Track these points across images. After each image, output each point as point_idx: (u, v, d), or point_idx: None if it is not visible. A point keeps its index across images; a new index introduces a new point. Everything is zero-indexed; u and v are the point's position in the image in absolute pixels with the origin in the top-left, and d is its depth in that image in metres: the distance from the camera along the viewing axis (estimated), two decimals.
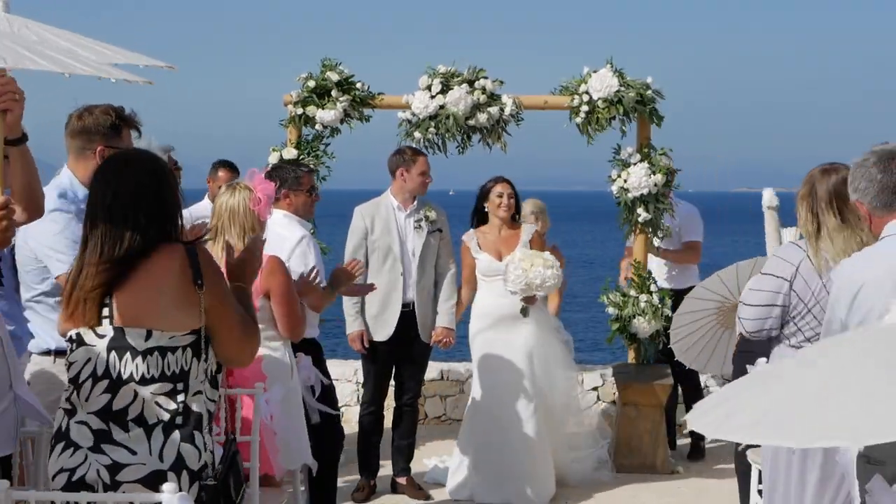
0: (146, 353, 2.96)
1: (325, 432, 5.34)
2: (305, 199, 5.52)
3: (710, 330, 5.78)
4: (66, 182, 4.09)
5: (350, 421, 8.14)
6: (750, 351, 5.34)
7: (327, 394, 5.56)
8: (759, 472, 5.20)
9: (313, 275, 5.02)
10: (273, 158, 7.14)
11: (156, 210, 3.03)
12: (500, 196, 6.53)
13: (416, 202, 6.40)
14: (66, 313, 3.06)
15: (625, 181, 7.07)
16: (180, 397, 2.98)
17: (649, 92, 7.02)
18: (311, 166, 7.00)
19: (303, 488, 5.38)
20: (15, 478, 3.75)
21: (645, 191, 7.02)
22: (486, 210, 6.59)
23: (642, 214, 7.06)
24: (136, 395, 2.96)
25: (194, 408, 3.00)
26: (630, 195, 7.07)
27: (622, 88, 6.97)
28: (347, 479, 6.67)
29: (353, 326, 6.40)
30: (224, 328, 3.07)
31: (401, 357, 6.46)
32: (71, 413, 3.02)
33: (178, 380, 2.98)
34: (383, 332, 6.36)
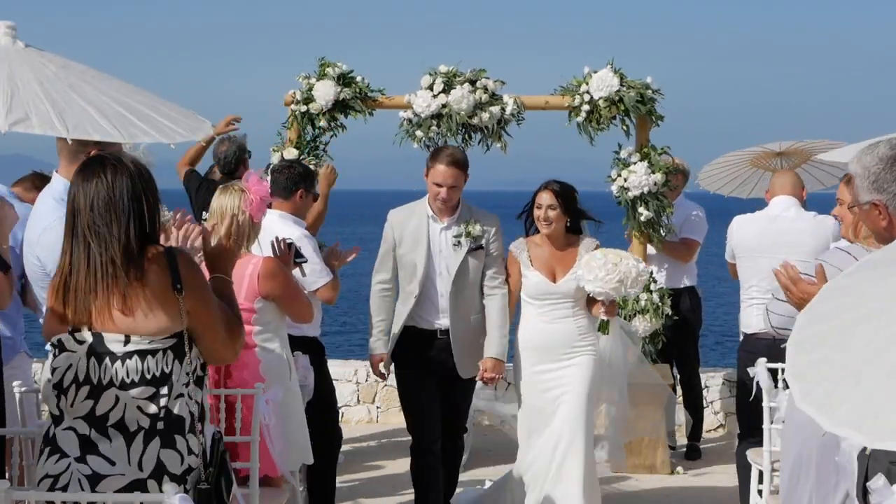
0: (125, 358, 2.95)
1: (324, 432, 5.34)
2: (313, 198, 5.58)
3: (740, 164, 7.15)
4: (59, 188, 3.96)
5: (349, 421, 8.16)
6: (753, 352, 5.36)
7: (327, 396, 5.57)
8: (760, 472, 5.21)
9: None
10: (274, 159, 7.13)
11: (139, 212, 3.00)
12: (539, 207, 5.44)
13: (456, 213, 5.38)
14: (57, 315, 3.02)
15: (625, 180, 7.08)
16: (163, 401, 2.96)
17: (649, 92, 7.03)
18: (313, 166, 7.02)
19: (302, 488, 5.39)
20: (14, 478, 3.76)
21: (645, 189, 7.03)
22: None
23: (644, 213, 7.06)
24: (117, 399, 2.95)
25: (176, 411, 2.98)
26: (630, 194, 7.07)
27: (623, 88, 6.99)
28: (347, 478, 6.67)
29: (375, 348, 5.49)
30: (207, 330, 3.05)
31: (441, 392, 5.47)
32: (58, 419, 3.02)
33: (159, 383, 2.96)
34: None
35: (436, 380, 5.37)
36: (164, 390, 2.97)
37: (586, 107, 7.03)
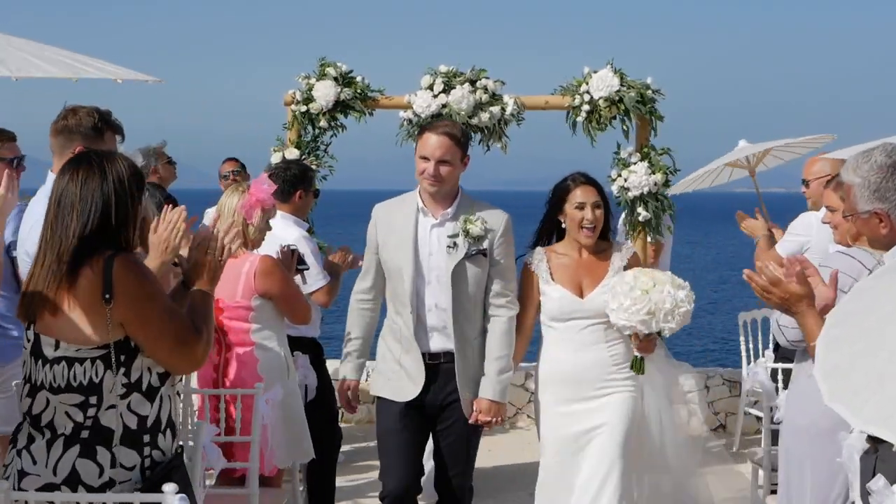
0: (54, 363, 2.92)
1: (324, 432, 5.34)
2: (312, 198, 5.60)
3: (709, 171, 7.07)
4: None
5: (349, 421, 8.15)
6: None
7: (326, 396, 5.57)
8: (760, 472, 5.21)
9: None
10: (275, 159, 7.12)
11: (103, 214, 2.93)
12: (582, 208, 4.43)
13: (454, 205, 4.34)
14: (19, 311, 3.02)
15: (625, 180, 7.08)
16: (91, 410, 2.91)
17: (649, 92, 7.02)
18: (314, 166, 7.02)
19: (302, 488, 5.39)
20: None
21: (645, 189, 7.03)
22: (563, 224, 4.53)
23: (642, 213, 7.06)
24: (48, 402, 2.93)
25: (104, 422, 2.91)
26: (630, 194, 7.07)
27: (623, 88, 6.99)
28: (347, 478, 6.67)
29: (345, 372, 4.54)
30: (149, 340, 2.92)
31: (434, 431, 4.45)
32: (24, 413, 3.04)
33: (89, 392, 2.90)
34: (409, 389, 4.34)
35: (421, 416, 4.38)
36: (94, 400, 2.91)
37: (586, 107, 7.02)
